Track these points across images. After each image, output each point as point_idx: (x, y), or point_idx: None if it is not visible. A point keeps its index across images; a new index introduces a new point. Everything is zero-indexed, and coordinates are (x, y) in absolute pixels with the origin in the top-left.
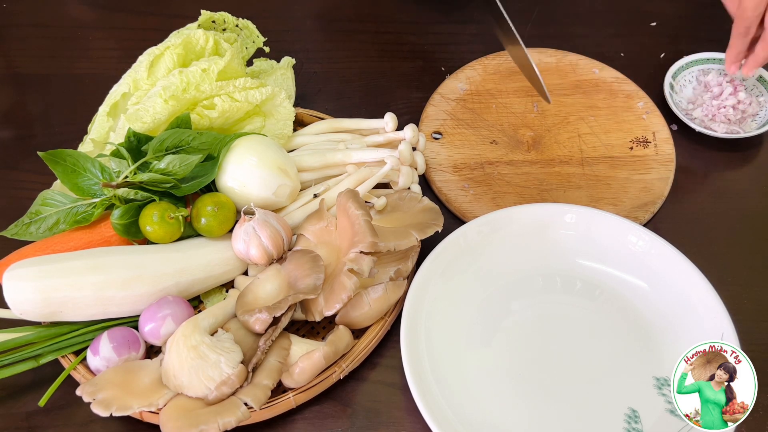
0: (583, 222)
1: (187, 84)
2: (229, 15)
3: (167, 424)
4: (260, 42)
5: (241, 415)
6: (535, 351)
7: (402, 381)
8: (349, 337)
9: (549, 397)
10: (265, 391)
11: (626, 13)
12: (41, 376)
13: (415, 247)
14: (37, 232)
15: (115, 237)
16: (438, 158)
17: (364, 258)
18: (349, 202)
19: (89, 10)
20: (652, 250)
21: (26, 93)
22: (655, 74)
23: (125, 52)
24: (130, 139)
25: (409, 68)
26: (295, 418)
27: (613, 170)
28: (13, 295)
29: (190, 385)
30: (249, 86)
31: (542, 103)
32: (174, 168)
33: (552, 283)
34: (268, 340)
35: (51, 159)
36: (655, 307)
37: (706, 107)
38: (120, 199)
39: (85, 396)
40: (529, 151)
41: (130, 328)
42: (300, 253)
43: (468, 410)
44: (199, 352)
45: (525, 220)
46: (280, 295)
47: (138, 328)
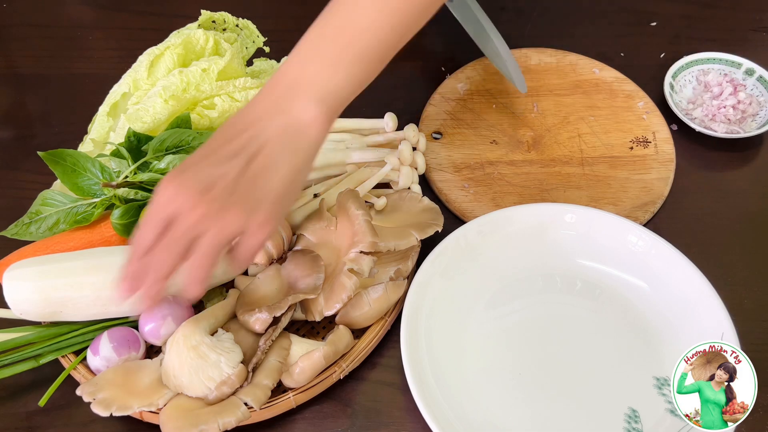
0: (583, 222)
1: (187, 84)
2: (229, 15)
3: (167, 423)
4: (260, 42)
5: (241, 415)
6: (535, 351)
7: (402, 381)
8: (349, 337)
9: (549, 397)
10: (265, 391)
11: (626, 13)
12: (41, 376)
13: (415, 247)
14: (37, 232)
15: (115, 237)
16: (438, 158)
17: (364, 258)
18: (349, 202)
19: (89, 10)
20: (652, 250)
21: (26, 93)
22: (655, 74)
23: (125, 52)
24: (130, 139)
25: (409, 68)
26: (295, 418)
27: (613, 170)
28: (13, 295)
29: (190, 385)
30: (249, 86)
31: (542, 103)
32: (174, 168)
33: (552, 283)
34: (268, 340)
35: (51, 159)
36: (655, 307)
37: (706, 107)
38: (120, 199)
39: (85, 396)
40: (529, 151)
41: (130, 328)
42: (300, 253)
43: (468, 410)
44: (199, 352)
45: (525, 220)
46: (280, 295)
47: (138, 328)
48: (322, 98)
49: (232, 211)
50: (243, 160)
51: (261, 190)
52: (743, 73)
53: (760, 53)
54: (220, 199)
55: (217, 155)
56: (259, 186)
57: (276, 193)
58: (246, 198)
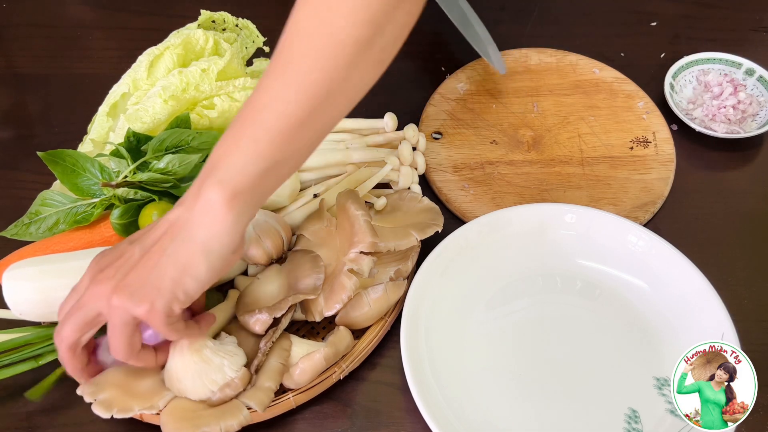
0: (583, 222)
1: (187, 84)
2: (229, 15)
3: (168, 425)
4: (260, 42)
5: (243, 419)
6: (535, 351)
7: (402, 381)
8: (349, 338)
9: (549, 397)
10: (268, 393)
11: (626, 13)
12: (41, 376)
13: (415, 247)
14: (37, 232)
15: (115, 237)
16: (438, 158)
17: (364, 258)
18: (349, 202)
19: (89, 10)
20: (652, 250)
21: (26, 93)
22: (655, 74)
23: (125, 52)
24: (129, 139)
25: (409, 68)
26: (295, 418)
27: (613, 170)
28: (13, 295)
29: (193, 389)
30: (249, 86)
31: (542, 103)
32: (173, 168)
33: (552, 283)
34: (269, 342)
35: (51, 159)
36: (655, 307)
37: (706, 107)
38: (120, 198)
39: (86, 396)
40: (529, 151)
41: None
42: (300, 253)
43: (468, 410)
44: (202, 356)
45: (525, 220)
46: (280, 296)
47: None
48: (224, 180)
49: (118, 294)
50: (144, 246)
51: (155, 277)
52: (743, 73)
53: (760, 53)
54: (113, 280)
55: (131, 240)
56: (153, 273)
57: (168, 282)
58: (137, 282)
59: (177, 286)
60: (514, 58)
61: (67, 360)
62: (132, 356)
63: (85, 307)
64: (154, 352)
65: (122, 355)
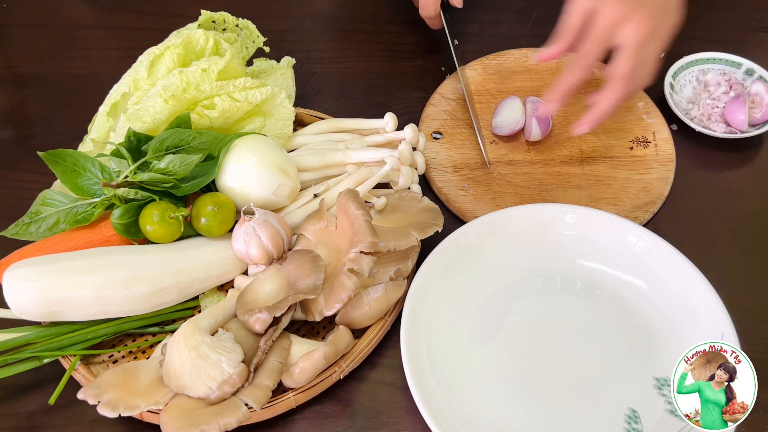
0: (583, 222)
1: (187, 84)
2: (229, 15)
3: (168, 424)
4: (260, 42)
5: (242, 416)
6: (535, 351)
7: (402, 381)
8: (349, 338)
9: (549, 398)
10: (266, 391)
11: None
12: (41, 376)
13: (415, 247)
14: (37, 232)
15: (115, 237)
16: (438, 158)
17: (364, 258)
18: (349, 202)
19: (89, 10)
20: (652, 251)
21: (26, 93)
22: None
23: (125, 52)
24: (130, 139)
25: (409, 68)
26: (295, 417)
27: (613, 170)
28: (13, 295)
29: (192, 385)
30: (249, 86)
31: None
32: (174, 168)
33: (552, 283)
34: (269, 341)
35: (51, 159)
36: (655, 307)
37: (702, 106)
38: (120, 198)
39: (89, 399)
40: (529, 151)
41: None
42: (300, 253)
43: (468, 410)
44: (199, 352)
45: (525, 220)
46: (280, 295)
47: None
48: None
49: (641, 12)
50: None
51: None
52: (743, 73)
53: (760, 53)
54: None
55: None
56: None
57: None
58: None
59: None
60: (514, 58)
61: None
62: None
63: (609, 29)
64: None
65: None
